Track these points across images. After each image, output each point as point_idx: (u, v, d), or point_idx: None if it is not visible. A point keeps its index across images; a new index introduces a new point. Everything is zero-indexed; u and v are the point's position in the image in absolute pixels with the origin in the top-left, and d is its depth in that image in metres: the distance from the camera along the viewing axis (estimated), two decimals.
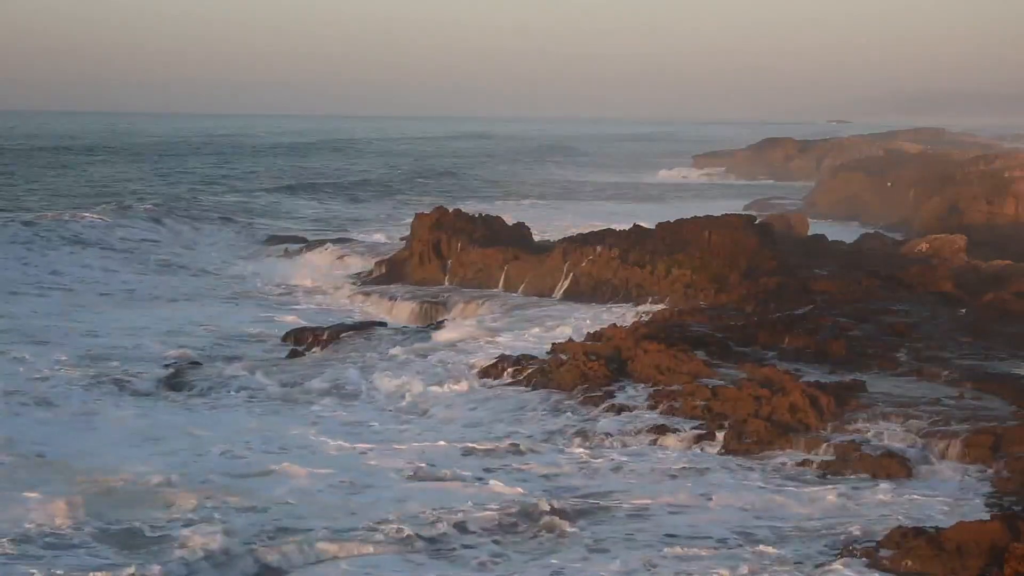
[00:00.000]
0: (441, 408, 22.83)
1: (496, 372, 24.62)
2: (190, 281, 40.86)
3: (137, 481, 17.54)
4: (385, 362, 26.42)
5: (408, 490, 17.65)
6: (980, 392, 21.86)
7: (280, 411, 22.95)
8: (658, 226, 37.06)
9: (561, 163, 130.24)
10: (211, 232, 51.46)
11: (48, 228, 46.71)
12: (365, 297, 36.52)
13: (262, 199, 69.67)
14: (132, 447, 19.78)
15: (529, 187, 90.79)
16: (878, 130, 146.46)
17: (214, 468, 18.59)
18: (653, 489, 17.85)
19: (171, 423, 21.57)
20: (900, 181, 59.78)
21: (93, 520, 15.79)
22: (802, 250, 38.77)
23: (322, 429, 21.29)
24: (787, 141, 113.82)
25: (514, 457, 19.52)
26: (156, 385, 24.59)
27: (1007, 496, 16.99)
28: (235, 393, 24.16)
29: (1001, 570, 13.78)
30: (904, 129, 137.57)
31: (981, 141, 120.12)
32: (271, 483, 17.87)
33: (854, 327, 27.12)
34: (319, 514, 16.31)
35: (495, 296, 35.28)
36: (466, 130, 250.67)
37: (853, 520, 16.26)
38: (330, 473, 18.35)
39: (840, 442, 19.34)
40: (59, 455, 19.02)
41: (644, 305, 32.05)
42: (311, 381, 24.97)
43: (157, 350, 27.97)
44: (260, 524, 15.86)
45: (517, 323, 31.35)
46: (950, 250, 38.57)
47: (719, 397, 21.53)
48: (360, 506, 16.80)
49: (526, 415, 21.92)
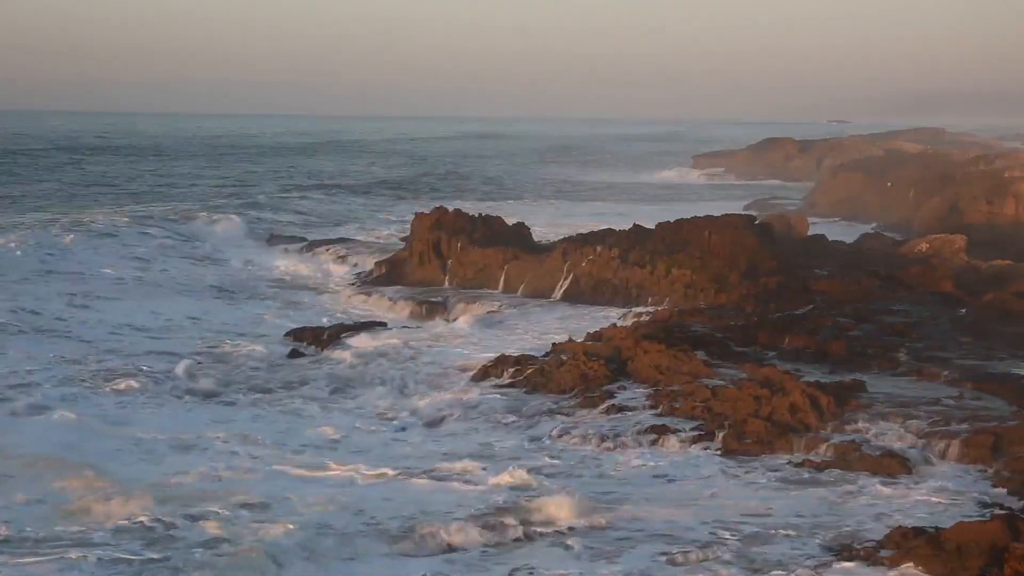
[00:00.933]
0: (438, 409, 22.82)
1: (496, 372, 24.62)
2: (192, 275, 40.90)
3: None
4: (385, 362, 26.44)
5: (403, 491, 17.68)
6: (980, 392, 21.87)
7: (287, 412, 23.00)
8: (658, 226, 37.06)
9: (561, 163, 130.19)
10: (208, 230, 51.35)
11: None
12: (366, 297, 36.52)
13: (263, 199, 69.66)
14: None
15: (529, 187, 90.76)
16: (878, 130, 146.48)
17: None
18: (653, 489, 17.85)
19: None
20: (900, 181, 59.75)
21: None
22: (802, 250, 38.78)
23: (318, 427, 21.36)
24: (787, 141, 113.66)
25: (514, 456, 19.51)
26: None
27: (1007, 496, 17.00)
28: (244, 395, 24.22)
29: (1001, 570, 13.79)
30: (904, 129, 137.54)
31: (981, 141, 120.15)
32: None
33: (854, 327, 27.12)
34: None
35: (495, 296, 35.30)
36: (468, 130, 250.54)
37: (853, 520, 16.27)
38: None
39: (840, 442, 19.34)
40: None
41: (644, 306, 32.13)
42: (312, 381, 25.02)
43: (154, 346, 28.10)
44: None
45: (517, 323, 31.39)
46: (950, 250, 38.57)
47: (719, 397, 21.53)
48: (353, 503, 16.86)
49: (526, 415, 21.92)
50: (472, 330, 30.51)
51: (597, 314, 31.63)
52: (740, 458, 19.32)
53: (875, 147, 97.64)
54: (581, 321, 30.53)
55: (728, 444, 19.79)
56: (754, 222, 37.98)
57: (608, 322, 29.39)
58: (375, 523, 16.05)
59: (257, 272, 42.57)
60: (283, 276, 41.68)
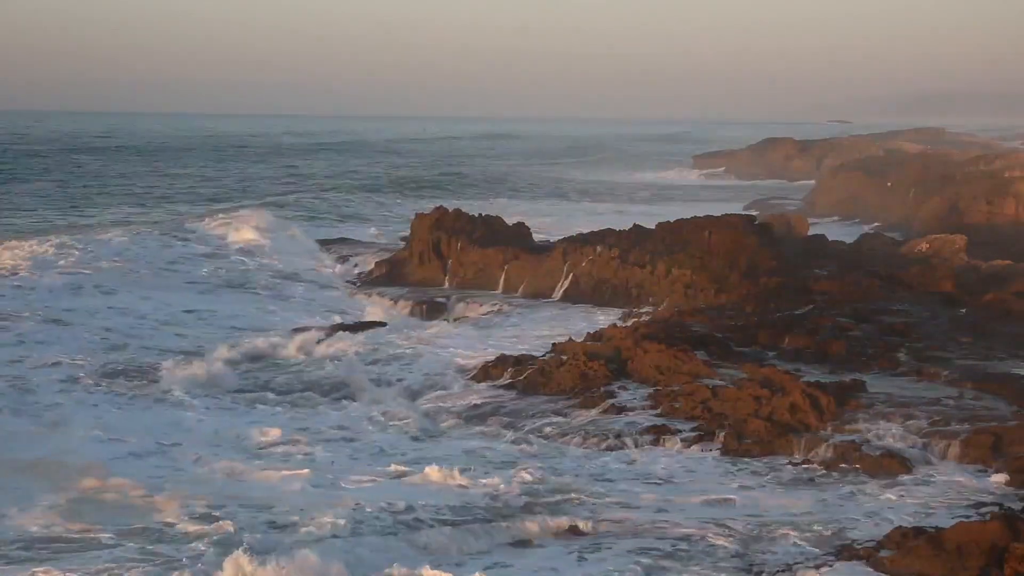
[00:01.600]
0: (438, 409, 22.82)
1: (497, 372, 24.61)
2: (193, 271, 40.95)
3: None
4: (384, 362, 26.43)
5: (392, 488, 17.68)
6: (980, 392, 21.88)
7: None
8: (658, 226, 37.06)
9: (563, 162, 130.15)
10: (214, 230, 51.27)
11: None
12: (366, 297, 36.49)
13: (271, 199, 69.76)
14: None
15: (530, 187, 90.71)
16: (878, 130, 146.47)
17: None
18: (653, 489, 17.84)
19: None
20: (900, 181, 59.70)
21: None
22: (802, 250, 38.75)
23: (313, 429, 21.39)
24: (787, 141, 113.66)
25: (514, 457, 19.51)
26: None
27: (1007, 496, 16.99)
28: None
29: (1001, 570, 13.79)
30: (904, 129, 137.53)
31: (981, 141, 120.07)
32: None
33: (854, 327, 27.13)
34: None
35: (495, 296, 35.30)
36: (478, 130, 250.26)
37: (853, 520, 16.27)
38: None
39: (840, 442, 19.34)
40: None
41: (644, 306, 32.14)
42: (312, 381, 25.01)
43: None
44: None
45: (517, 323, 31.38)
46: (950, 250, 38.56)
47: (719, 397, 21.53)
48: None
49: (526, 415, 21.90)
50: (472, 330, 30.50)
51: (597, 314, 31.63)
52: (740, 458, 19.32)
53: (875, 147, 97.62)
54: (581, 321, 30.52)
55: (728, 444, 19.78)
56: (754, 222, 37.99)
57: (608, 322, 29.39)
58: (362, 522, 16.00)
59: (260, 271, 42.49)
60: (284, 275, 41.60)
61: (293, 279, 40.76)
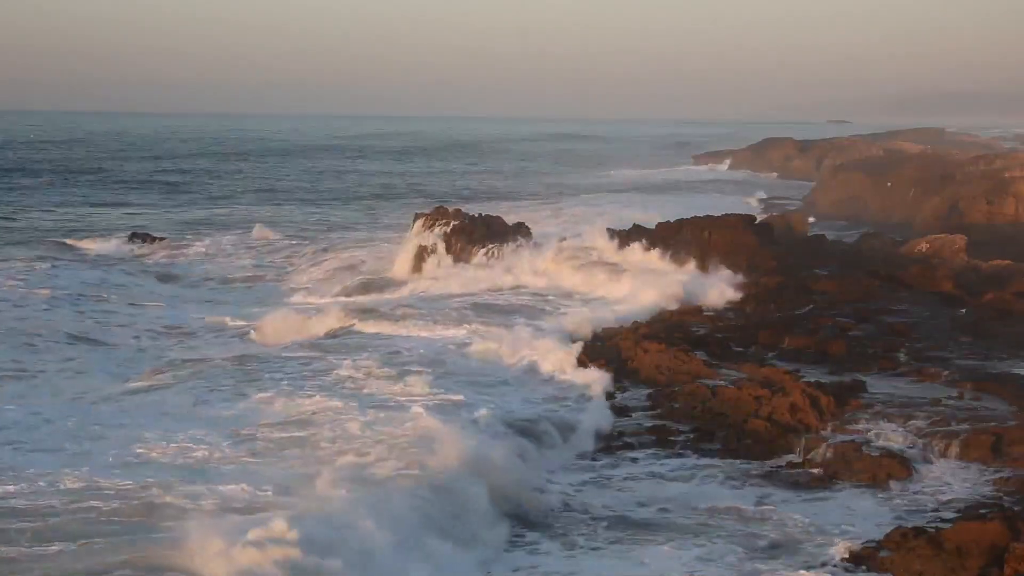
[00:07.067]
0: (436, 410, 22.79)
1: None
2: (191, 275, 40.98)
3: None
4: (384, 363, 26.40)
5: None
6: (980, 392, 21.88)
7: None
8: (658, 226, 37.07)
9: (562, 163, 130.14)
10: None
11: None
12: (366, 297, 36.42)
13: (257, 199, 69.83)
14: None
15: (530, 187, 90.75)
16: (878, 130, 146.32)
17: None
18: (653, 490, 17.83)
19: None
20: (900, 181, 59.67)
21: None
22: (802, 250, 38.77)
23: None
24: (787, 141, 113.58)
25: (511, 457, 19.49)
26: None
27: (1007, 496, 17.00)
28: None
29: (1001, 570, 13.79)
30: (904, 129, 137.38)
31: (981, 141, 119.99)
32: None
33: (854, 327, 27.15)
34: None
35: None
36: (488, 132, 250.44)
37: (853, 520, 16.26)
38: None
39: (840, 442, 19.33)
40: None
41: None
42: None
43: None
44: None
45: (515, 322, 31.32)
46: (950, 250, 38.56)
47: (719, 397, 21.53)
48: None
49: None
50: (472, 330, 30.40)
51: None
52: (740, 458, 19.30)
53: (875, 147, 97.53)
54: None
55: (728, 444, 19.77)
56: (754, 222, 38.00)
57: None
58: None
59: (261, 274, 42.55)
60: (285, 274, 41.68)
61: (294, 277, 40.70)
